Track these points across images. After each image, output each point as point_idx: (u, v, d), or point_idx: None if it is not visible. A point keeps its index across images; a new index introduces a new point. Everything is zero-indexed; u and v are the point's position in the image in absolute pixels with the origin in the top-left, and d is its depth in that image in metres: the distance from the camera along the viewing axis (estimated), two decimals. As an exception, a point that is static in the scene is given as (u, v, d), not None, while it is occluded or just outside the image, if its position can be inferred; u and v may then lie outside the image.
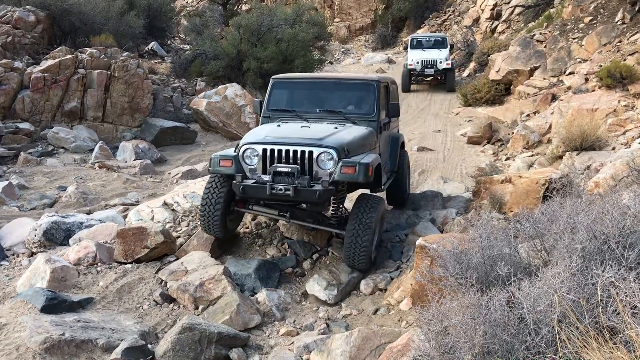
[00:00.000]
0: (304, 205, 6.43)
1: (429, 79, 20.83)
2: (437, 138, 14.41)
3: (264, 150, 5.93)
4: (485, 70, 19.02)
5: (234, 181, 5.95)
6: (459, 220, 6.96)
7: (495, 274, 3.65)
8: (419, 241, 5.20)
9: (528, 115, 13.88)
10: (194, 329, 4.71)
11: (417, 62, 19.94)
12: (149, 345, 4.77)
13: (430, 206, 8.13)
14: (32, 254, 6.78)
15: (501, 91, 16.98)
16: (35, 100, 13.24)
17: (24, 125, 12.87)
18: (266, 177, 5.86)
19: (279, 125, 6.55)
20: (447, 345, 2.86)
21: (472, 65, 21.85)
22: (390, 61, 26.66)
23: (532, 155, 10.96)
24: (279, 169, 5.81)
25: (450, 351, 2.83)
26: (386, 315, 5.55)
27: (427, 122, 16.20)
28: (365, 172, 5.72)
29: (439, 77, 20.52)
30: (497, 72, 17.03)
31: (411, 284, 5.42)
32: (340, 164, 5.75)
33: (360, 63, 27.04)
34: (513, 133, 12.58)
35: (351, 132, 6.38)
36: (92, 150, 12.61)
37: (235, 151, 6.13)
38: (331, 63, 26.99)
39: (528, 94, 15.41)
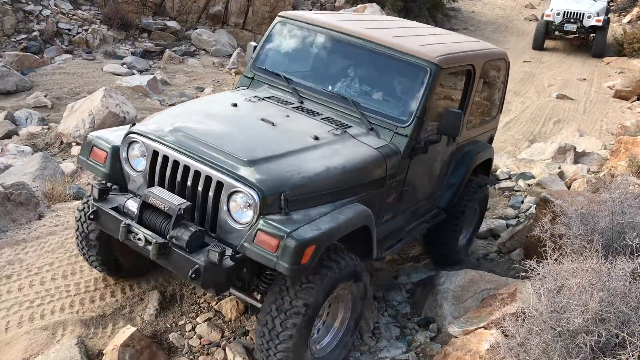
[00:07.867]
0: None
1: (570, 36, 17.29)
2: (581, 87, 13.50)
3: (155, 154, 3.40)
4: (650, 18, 17.22)
5: (88, 194, 3.77)
6: (589, 178, 6.60)
7: (622, 243, 3.48)
8: (544, 194, 5.09)
9: (691, 74, 12.55)
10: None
11: (558, 14, 16.29)
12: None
13: (560, 159, 7.75)
14: (169, 147, 7.32)
15: (665, 44, 15.41)
16: (184, 0, 13.85)
17: (172, 24, 13.57)
18: (134, 206, 3.31)
19: (235, 105, 3.90)
20: (558, 305, 2.82)
21: (635, 10, 19.85)
22: (539, -5, 24.80)
23: (687, 120, 9.99)
24: (151, 199, 3.18)
25: (561, 311, 2.78)
26: (495, 261, 5.50)
27: (573, 69, 15.16)
28: (294, 256, 2.93)
29: (583, 37, 17.00)
30: (664, 21, 15.36)
31: (527, 236, 5.31)
32: (259, 222, 3.04)
33: (506, -4, 25.36)
34: (669, 92, 11.48)
35: (335, 155, 3.56)
36: (230, 55, 13.08)
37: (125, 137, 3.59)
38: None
39: (696, 51, 13.86)
